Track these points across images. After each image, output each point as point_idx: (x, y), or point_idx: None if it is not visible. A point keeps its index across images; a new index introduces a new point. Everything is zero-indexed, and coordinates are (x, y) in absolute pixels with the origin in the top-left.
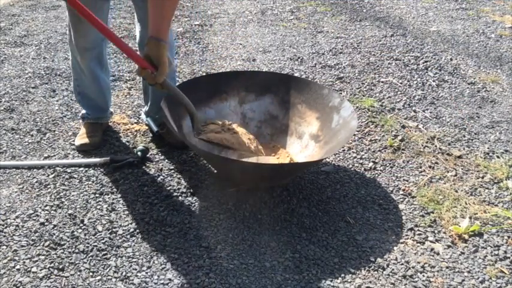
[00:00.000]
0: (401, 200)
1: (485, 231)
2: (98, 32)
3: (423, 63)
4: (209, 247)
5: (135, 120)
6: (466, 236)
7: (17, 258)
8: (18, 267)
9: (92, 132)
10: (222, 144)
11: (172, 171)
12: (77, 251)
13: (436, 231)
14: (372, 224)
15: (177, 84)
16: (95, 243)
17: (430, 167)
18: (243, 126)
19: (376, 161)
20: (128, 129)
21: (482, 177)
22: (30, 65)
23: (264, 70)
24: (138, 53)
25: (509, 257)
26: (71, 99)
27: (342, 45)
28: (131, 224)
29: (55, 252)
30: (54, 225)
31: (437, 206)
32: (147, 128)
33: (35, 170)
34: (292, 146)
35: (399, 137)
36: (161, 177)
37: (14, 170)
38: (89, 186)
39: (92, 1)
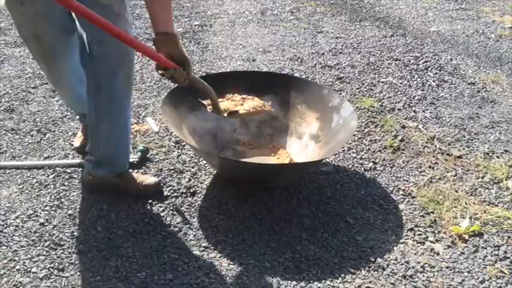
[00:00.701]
0: (401, 200)
1: (485, 232)
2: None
3: (423, 63)
4: (209, 247)
5: (135, 121)
6: (466, 236)
7: (17, 258)
8: (18, 267)
9: None
10: (258, 112)
11: (172, 171)
12: (76, 251)
13: (436, 232)
14: (372, 224)
15: (177, 85)
16: (95, 244)
17: (430, 167)
18: (242, 126)
19: (376, 161)
20: None
21: (482, 178)
22: (30, 65)
23: (264, 70)
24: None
25: (509, 257)
26: None
27: (341, 46)
28: (131, 224)
29: (55, 252)
30: (54, 226)
31: (437, 206)
32: (147, 128)
33: (35, 170)
34: (292, 146)
35: (399, 137)
36: (161, 177)
37: (14, 170)
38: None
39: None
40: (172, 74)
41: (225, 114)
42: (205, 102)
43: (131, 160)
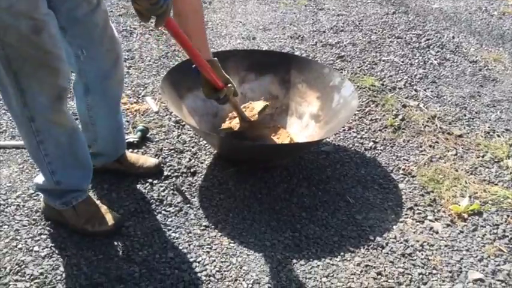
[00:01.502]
0: (401, 179)
1: (484, 210)
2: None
3: (425, 41)
4: (210, 226)
5: (135, 100)
6: (466, 215)
7: (18, 237)
8: (20, 246)
9: None
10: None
11: (172, 151)
12: None
13: (435, 210)
14: (372, 203)
15: (176, 64)
16: None
17: (430, 146)
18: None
19: (377, 140)
20: (128, 109)
21: (483, 157)
22: None
23: (264, 49)
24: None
25: (507, 236)
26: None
27: (343, 23)
28: (132, 203)
29: (56, 231)
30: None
31: (437, 185)
32: (146, 107)
33: None
34: (293, 126)
35: (400, 117)
36: (161, 157)
37: (14, 149)
38: None
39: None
40: (226, 93)
41: (257, 116)
42: (225, 126)
43: (131, 140)
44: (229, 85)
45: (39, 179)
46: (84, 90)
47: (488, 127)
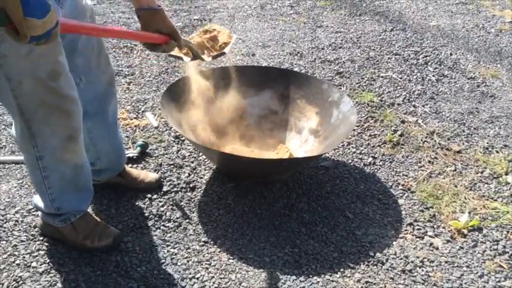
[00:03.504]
0: (401, 195)
1: (484, 226)
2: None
3: (423, 58)
4: (209, 242)
5: (135, 115)
6: (465, 231)
7: (16, 253)
8: (18, 262)
9: None
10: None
11: (172, 166)
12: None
13: (435, 226)
14: (371, 218)
15: (176, 79)
16: None
17: (429, 162)
18: (243, 121)
19: (376, 156)
20: (127, 124)
21: (482, 172)
22: None
23: (263, 65)
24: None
25: (508, 252)
26: None
27: (341, 40)
28: (131, 219)
29: (55, 247)
30: None
31: (437, 201)
32: (146, 123)
33: None
34: (292, 141)
35: (399, 132)
36: (160, 172)
37: (14, 165)
38: None
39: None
40: (164, 49)
41: (210, 59)
42: (179, 54)
43: (131, 155)
44: (171, 41)
45: (38, 201)
46: (83, 115)
47: (487, 143)
